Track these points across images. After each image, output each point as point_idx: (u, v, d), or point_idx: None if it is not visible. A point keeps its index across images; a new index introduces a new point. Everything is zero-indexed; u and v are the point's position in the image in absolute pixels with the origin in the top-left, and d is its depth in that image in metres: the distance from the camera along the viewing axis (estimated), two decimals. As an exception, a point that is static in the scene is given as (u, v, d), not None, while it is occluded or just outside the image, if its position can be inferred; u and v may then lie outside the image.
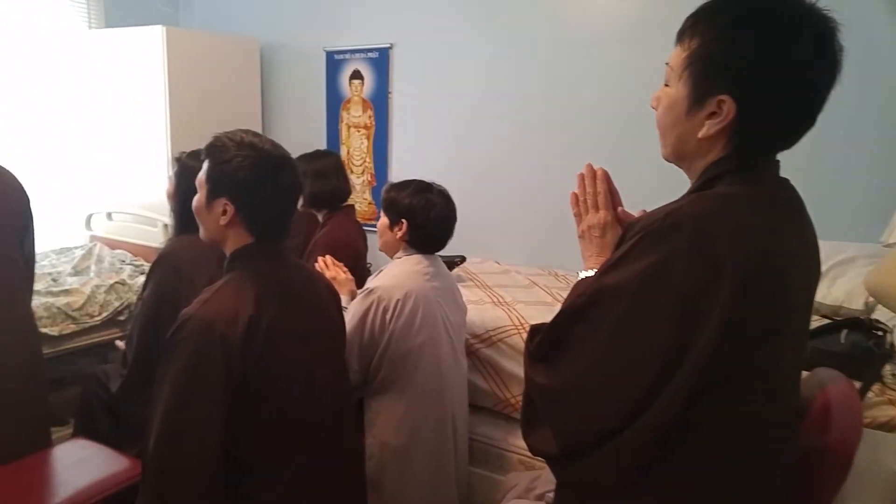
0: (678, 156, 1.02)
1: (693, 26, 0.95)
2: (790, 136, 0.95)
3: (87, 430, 2.20)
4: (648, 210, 0.99)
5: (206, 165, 1.38)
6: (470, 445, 2.14)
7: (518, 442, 2.19)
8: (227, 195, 1.35)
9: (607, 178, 1.17)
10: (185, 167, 2.01)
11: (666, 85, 1.01)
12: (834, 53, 0.90)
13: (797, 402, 1.05)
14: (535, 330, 1.06)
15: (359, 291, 1.94)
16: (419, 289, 1.87)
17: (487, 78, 3.23)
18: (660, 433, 0.90)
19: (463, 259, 2.84)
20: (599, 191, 1.16)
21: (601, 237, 1.15)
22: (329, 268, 2.13)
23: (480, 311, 2.34)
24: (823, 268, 1.21)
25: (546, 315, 2.21)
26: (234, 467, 1.31)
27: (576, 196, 1.19)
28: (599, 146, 2.92)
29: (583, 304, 0.96)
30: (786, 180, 0.99)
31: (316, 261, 2.18)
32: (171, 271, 2.00)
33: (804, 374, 1.10)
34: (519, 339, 2.20)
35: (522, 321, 2.26)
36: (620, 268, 0.92)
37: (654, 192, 1.39)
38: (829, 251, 2.15)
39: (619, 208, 1.17)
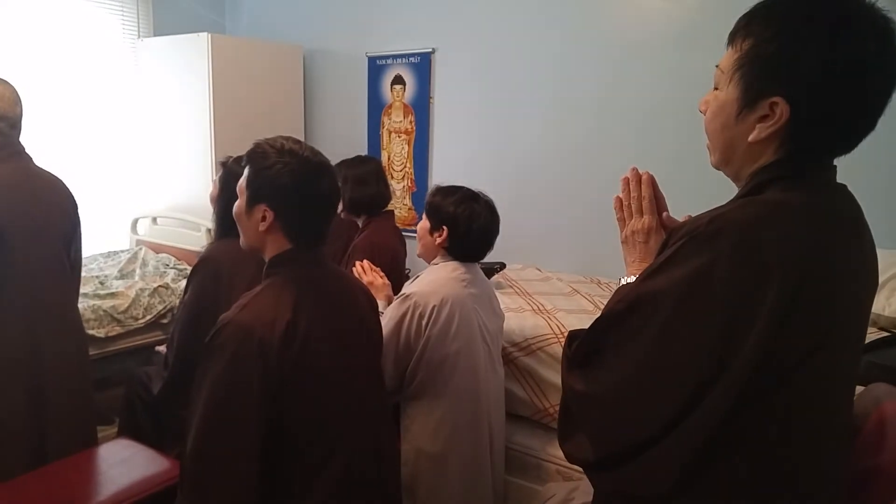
0: (726, 161, 0.98)
1: (746, 26, 0.91)
2: (848, 141, 0.91)
3: (130, 429, 2.25)
4: (694, 216, 0.95)
5: (246, 171, 1.40)
6: (507, 454, 2.11)
7: (556, 452, 2.16)
8: (266, 201, 1.36)
9: (652, 183, 1.14)
10: (229, 172, 2.04)
11: (715, 88, 0.98)
12: (895, 52, 0.85)
13: (850, 418, 1.00)
14: (574, 336, 1.04)
15: (395, 297, 1.93)
16: (456, 295, 1.85)
17: (530, 82, 3.20)
18: (702, 443, 0.87)
19: (502, 266, 2.80)
20: (644, 195, 1.13)
21: (645, 243, 1.12)
22: (366, 273, 2.13)
23: (520, 318, 2.30)
24: (882, 278, 1.15)
25: (587, 324, 2.18)
26: (271, 472, 1.31)
27: (620, 200, 1.16)
28: (645, 151, 2.85)
29: (623, 310, 0.94)
30: (843, 186, 0.94)
31: (354, 266, 2.18)
32: (211, 275, 2.02)
33: (858, 389, 1.06)
34: (559, 349, 2.16)
35: (563, 330, 2.21)
36: (662, 273, 0.89)
37: (700, 198, 1.35)
38: (888, 261, 2.05)
39: (664, 213, 1.14)
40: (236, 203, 1.43)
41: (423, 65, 3.52)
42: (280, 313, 1.30)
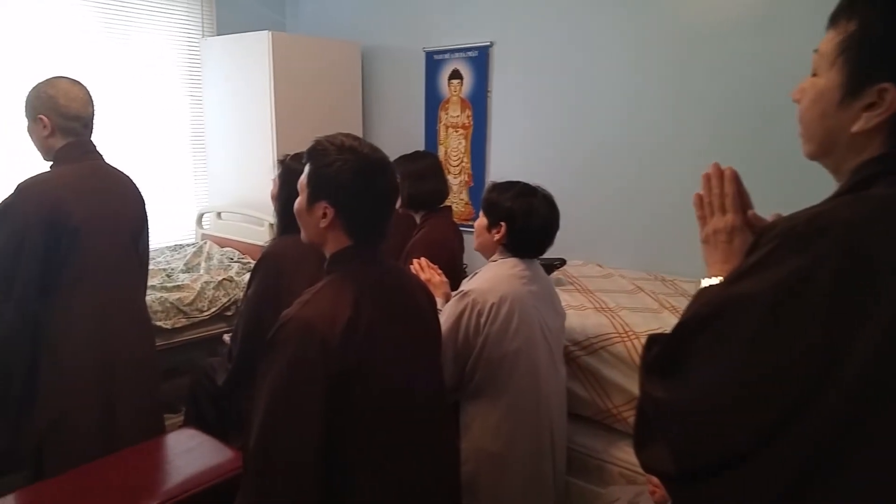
0: (825, 152, 0.90)
1: (851, 6, 0.84)
2: None
3: (196, 419, 2.31)
4: (784, 214, 0.88)
5: (307, 169, 1.41)
6: (568, 455, 2.07)
7: (619, 454, 2.10)
8: (327, 198, 1.36)
9: (736, 179, 1.07)
10: (288, 169, 2.07)
11: (813, 74, 0.90)
12: None
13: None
14: (653, 340, 0.98)
15: (453, 294, 1.91)
16: (515, 293, 1.81)
17: (592, 73, 3.12)
18: (801, 463, 0.79)
19: (563, 262, 2.74)
20: (727, 192, 1.06)
21: (728, 242, 1.05)
22: (424, 270, 2.12)
23: (581, 316, 2.25)
24: None
25: (652, 322, 2.13)
26: (331, 469, 1.30)
27: (700, 198, 1.09)
28: (719, 144, 2.73)
29: (708, 315, 0.87)
30: None
31: (412, 263, 2.17)
32: (274, 270, 2.05)
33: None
34: (622, 348, 2.09)
35: (626, 328, 2.14)
36: (754, 276, 0.83)
37: (788, 195, 1.27)
38: None
39: (750, 211, 1.06)
40: (297, 200, 1.44)
41: (480, 59, 3.49)
42: (340, 310, 1.30)
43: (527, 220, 1.85)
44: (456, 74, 3.61)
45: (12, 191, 1.93)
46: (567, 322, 2.11)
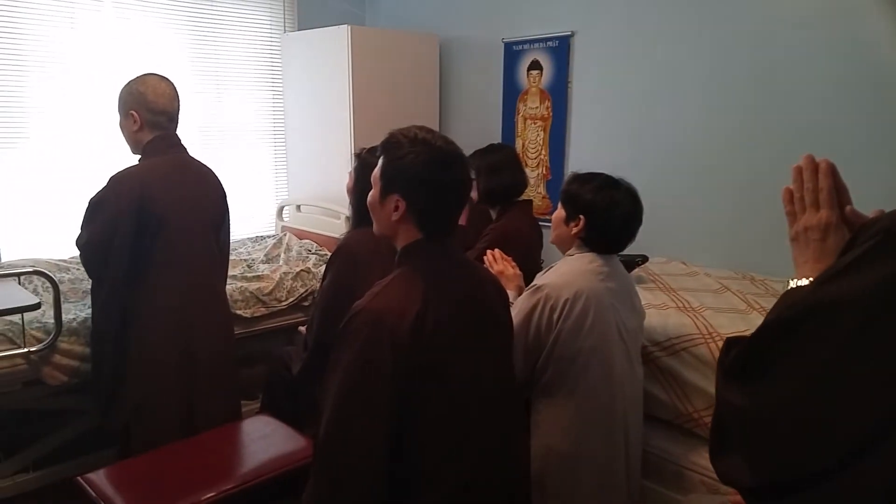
0: None
1: None
2: None
3: (271, 406, 2.37)
4: (888, 210, 0.78)
5: (380, 162, 1.40)
6: (645, 458, 1.99)
7: (700, 460, 2.00)
8: (399, 191, 1.36)
9: (833, 172, 0.96)
10: (363, 163, 2.09)
11: None
12: None
13: None
14: (732, 343, 0.91)
15: (527, 288, 1.86)
16: (591, 289, 1.74)
17: (678, 63, 2.97)
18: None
19: (644, 259, 2.63)
20: (822, 186, 0.96)
21: (821, 240, 0.95)
22: (497, 262, 2.08)
23: (662, 316, 2.14)
24: None
25: (739, 324, 2.00)
26: (396, 463, 1.30)
27: (790, 192, 0.99)
28: (817, 135, 2.52)
29: (795, 318, 0.80)
30: None
31: (484, 255, 2.14)
32: (348, 262, 2.07)
33: None
34: (706, 350, 1.98)
35: (710, 330, 2.02)
36: (850, 276, 0.74)
37: (893, 190, 1.14)
38: None
39: (848, 207, 0.96)
40: (370, 193, 1.44)
41: (561, 49, 3.39)
42: (410, 303, 1.29)
43: (608, 215, 1.77)
44: (535, 65, 3.53)
45: (105, 183, 2.04)
46: (647, 321, 2.02)
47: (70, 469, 2.39)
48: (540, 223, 2.77)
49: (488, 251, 2.14)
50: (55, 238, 3.16)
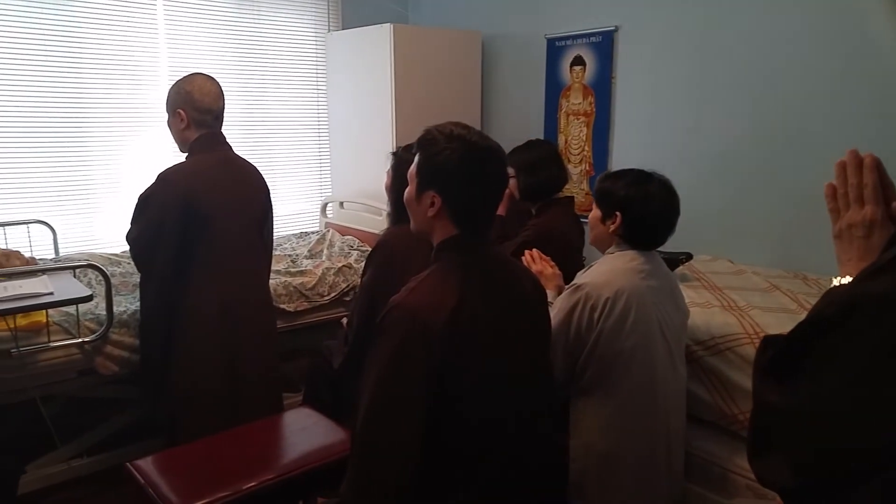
0: None
1: None
2: None
3: (313, 399, 2.41)
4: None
5: (416, 158, 1.41)
6: (688, 460, 1.94)
7: (745, 463, 1.90)
8: (434, 187, 1.36)
9: (878, 167, 0.92)
10: (400, 161, 2.10)
11: None
12: None
13: None
14: (769, 341, 0.88)
15: (566, 287, 1.84)
16: (632, 287, 1.71)
17: (725, 57, 2.89)
18: None
19: (689, 256, 2.56)
20: (867, 182, 0.92)
21: (865, 237, 0.91)
22: (536, 261, 2.06)
23: (706, 314, 2.09)
24: None
25: (787, 324, 1.91)
26: (433, 460, 1.30)
27: (833, 188, 0.96)
28: (866, 130, 2.43)
29: (835, 315, 0.77)
30: None
31: (522, 253, 2.12)
32: (387, 259, 2.09)
33: None
34: (752, 350, 1.92)
35: (757, 329, 1.96)
36: (892, 272, 0.72)
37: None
38: None
39: (894, 204, 0.92)
40: (406, 189, 1.44)
41: (604, 44, 3.34)
42: (445, 299, 1.29)
43: (643, 208, 1.74)
44: (578, 61, 3.49)
45: (154, 180, 2.10)
46: (690, 320, 1.97)
47: (121, 456, 2.48)
48: (582, 220, 2.74)
49: (526, 251, 2.12)
50: (109, 233, 3.29)
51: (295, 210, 4.02)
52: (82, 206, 3.27)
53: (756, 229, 2.87)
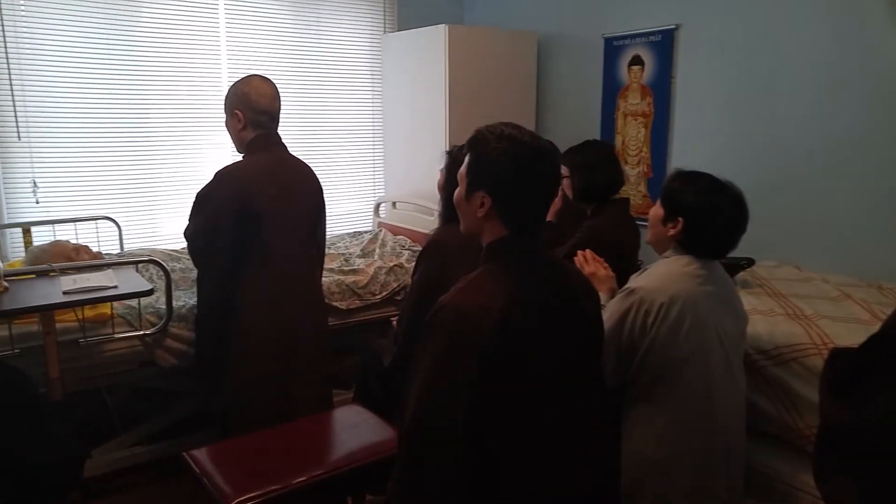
0: None
1: None
2: None
3: (363, 396, 2.42)
4: None
5: (467, 159, 1.40)
6: (749, 474, 1.87)
7: (811, 481, 1.83)
8: (484, 188, 1.35)
9: None
10: (454, 160, 2.09)
11: None
12: None
13: None
14: (837, 354, 0.84)
15: (619, 290, 1.79)
16: (688, 293, 1.65)
17: (794, 57, 2.76)
18: None
19: (751, 262, 2.46)
20: None
21: None
22: (588, 263, 2.01)
23: (769, 323, 2.00)
24: None
25: (859, 336, 1.80)
26: (481, 463, 1.28)
27: None
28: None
29: None
30: None
31: (575, 255, 2.08)
32: (437, 258, 2.08)
33: None
34: (819, 361, 1.83)
35: (825, 339, 1.87)
36: None
37: None
38: None
39: None
40: (457, 190, 1.43)
41: (664, 43, 3.26)
42: (494, 300, 1.27)
43: (708, 221, 1.67)
44: (637, 60, 3.41)
45: (211, 178, 2.16)
46: (752, 328, 1.89)
47: (179, 445, 2.57)
48: (640, 223, 2.67)
49: (579, 252, 2.08)
50: (171, 229, 3.42)
51: (348, 209, 4.08)
52: (146, 203, 3.40)
53: (826, 234, 2.74)
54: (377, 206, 4.03)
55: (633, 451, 1.72)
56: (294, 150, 2.34)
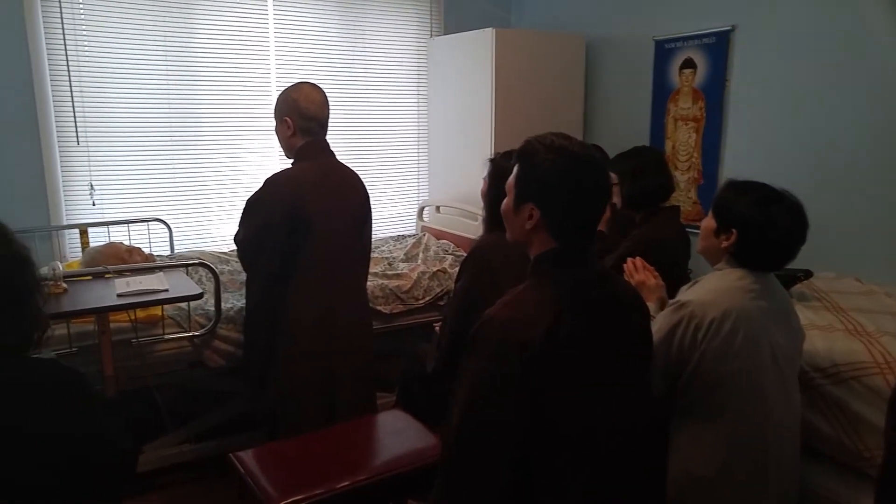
0: None
1: None
2: None
3: (405, 401, 2.43)
4: None
5: (515, 170, 1.38)
6: (804, 496, 1.80)
7: (871, 505, 1.76)
8: (533, 200, 1.33)
9: None
10: (498, 167, 2.08)
11: None
12: None
13: None
14: None
15: (669, 302, 1.74)
16: (741, 308, 1.60)
17: (859, 58, 2.64)
18: None
19: (808, 274, 2.36)
20: None
21: None
22: (637, 271, 1.97)
23: (828, 339, 1.92)
24: None
25: (928, 357, 1.74)
26: (526, 481, 1.27)
27: None
28: None
29: None
30: None
31: (624, 263, 2.04)
32: (482, 267, 2.07)
33: None
34: (881, 381, 1.75)
35: (889, 359, 1.78)
36: None
37: None
38: None
39: None
40: (504, 201, 1.42)
41: (718, 45, 3.16)
42: (541, 314, 1.25)
43: (763, 233, 1.62)
44: (689, 63, 3.33)
45: (262, 185, 2.19)
46: (809, 344, 1.82)
47: (225, 444, 2.62)
48: (690, 231, 2.60)
49: (629, 259, 2.04)
50: (219, 231, 3.50)
51: (392, 213, 4.10)
52: (195, 205, 3.48)
53: (890, 245, 2.61)
54: (421, 210, 4.03)
55: (679, 468, 1.68)
56: (339, 152, 2.36)
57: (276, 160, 3.56)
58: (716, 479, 1.63)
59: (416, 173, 4.18)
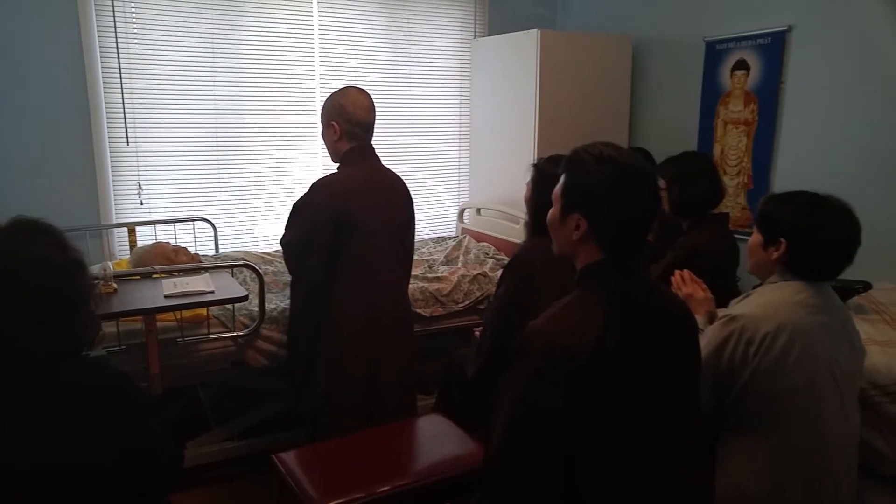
0: None
1: None
2: None
3: (445, 405, 2.42)
4: None
5: (562, 179, 1.36)
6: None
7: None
8: (581, 210, 1.31)
9: None
10: (541, 172, 2.06)
11: None
12: None
13: None
14: None
15: (720, 315, 1.69)
16: (797, 323, 1.55)
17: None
18: None
19: (867, 286, 2.26)
20: None
21: None
22: (686, 284, 1.92)
23: (888, 355, 1.85)
24: None
25: None
26: (571, 495, 1.25)
27: None
28: None
29: None
30: None
31: (671, 274, 1.99)
32: (524, 274, 2.05)
33: None
34: (945, 401, 1.66)
35: (954, 377, 1.70)
36: None
37: None
38: None
39: None
40: (550, 210, 1.40)
41: (773, 46, 3.06)
42: (588, 328, 1.23)
43: (811, 239, 1.57)
44: (741, 65, 3.23)
45: (308, 189, 2.21)
46: (868, 360, 1.74)
47: (267, 442, 2.65)
48: (738, 237, 2.52)
49: (676, 272, 1.98)
50: (264, 231, 3.54)
51: (433, 214, 4.10)
52: (240, 206, 3.53)
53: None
54: (461, 212, 4.02)
55: (729, 483, 1.63)
56: (381, 151, 2.36)
57: (318, 161, 3.59)
58: (768, 498, 1.58)
59: (457, 175, 4.17)
